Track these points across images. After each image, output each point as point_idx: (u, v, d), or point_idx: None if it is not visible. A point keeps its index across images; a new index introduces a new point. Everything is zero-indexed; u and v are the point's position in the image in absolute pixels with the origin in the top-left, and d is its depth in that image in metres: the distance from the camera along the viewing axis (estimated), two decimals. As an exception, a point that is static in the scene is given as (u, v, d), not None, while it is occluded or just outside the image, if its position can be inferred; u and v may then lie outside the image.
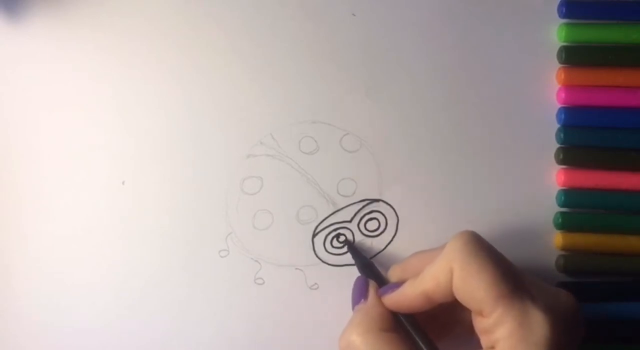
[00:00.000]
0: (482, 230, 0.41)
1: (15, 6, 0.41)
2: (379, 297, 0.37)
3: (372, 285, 0.38)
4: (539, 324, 0.32)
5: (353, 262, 0.41)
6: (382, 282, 0.38)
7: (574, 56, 0.41)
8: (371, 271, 0.39)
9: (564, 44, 0.41)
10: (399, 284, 0.36)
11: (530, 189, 0.41)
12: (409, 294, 0.35)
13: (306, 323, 0.41)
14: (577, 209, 0.41)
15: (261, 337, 0.41)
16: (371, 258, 0.41)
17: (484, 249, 0.34)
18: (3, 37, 0.41)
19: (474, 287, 0.33)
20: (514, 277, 0.33)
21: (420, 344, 0.35)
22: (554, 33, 0.42)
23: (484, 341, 0.34)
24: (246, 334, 0.41)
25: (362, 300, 0.37)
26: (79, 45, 0.41)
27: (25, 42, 0.41)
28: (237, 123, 0.41)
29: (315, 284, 0.41)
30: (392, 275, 0.39)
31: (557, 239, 0.41)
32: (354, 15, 0.42)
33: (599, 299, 0.41)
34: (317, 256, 0.41)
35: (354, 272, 0.40)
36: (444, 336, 0.38)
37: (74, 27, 0.41)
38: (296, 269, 0.41)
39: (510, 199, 0.41)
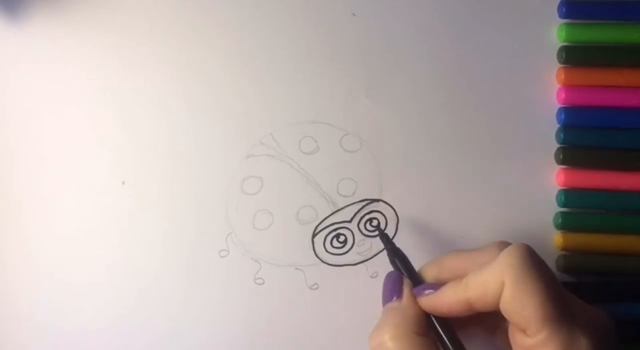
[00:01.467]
0: (482, 230, 0.41)
1: (15, 6, 0.41)
2: (414, 296, 0.36)
3: (407, 283, 0.36)
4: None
5: (353, 262, 0.41)
6: (415, 280, 0.36)
7: (574, 56, 0.41)
8: (405, 266, 0.37)
9: (564, 44, 0.41)
10: (436, 284, 0.35)
11: (530, 189, 0.41)
12: (450, 298, 0.34)
13: (306, 323, 0.41)
14: (577, 209, 0.41)
15: (261, 337, 0.41)
16: (371, 258, 0.41)
17: (539, 267, 0.33)
18: (3, 37, 0.41)
19: (524, 305, 0.32)
20: (564, 301, 0.32)
21: (452, 349, 0.34)
22: (554, 33, 0.42)
23: None
24: (246, 334, 0.41)
25: (395, 298, 0.36)
26: (79, 45, 0.41)
27: (25, 42, 0.41)
28: (237, 123, 0.41)
29: (315, 284, 0.41)
30: (427, 273, 0.37)
31: (557, 239, 0.41)
32: (354, 15, 0.42)
33: (599, 299, 0.41)
34: (317, 256, 0.41)
35: (354, 272, 0.40)
36: (461, 328, 0.37)
37: (74, 27, 0.41)
38: (296, 269, 0.41)
39: (510, 199, 0.41)
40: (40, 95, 0.41)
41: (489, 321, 0.36)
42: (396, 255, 0.38)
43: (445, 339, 0.34)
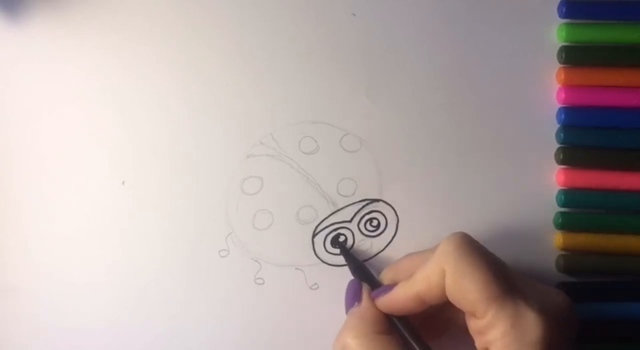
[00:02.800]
0: (482, 230, 0.41)
1: (15, 6, 0.41)
2: (373, 299, 0.37)
3: (365, 288, 0.38)
4: (532, 324, 0.32)
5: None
6: (375, 285, 0.38)
7: (574, 56, 0.41)
8: (364, 274, 0.39)
9: (564, 44, 0.41)
10: (391, 286, 0.36)
11: (530, 189, 0.41)
12: (402, 296, 0.35)
13: (306, 323, 0.41)
14: (577, 209, 0.41)
15: (261, 337, 0.41)
16: (371, 258, 0.41)
17: (476, 251, 0.34)
18: (3, 37, 0.41)
19: (466, 289, 0.33)
20: (506, 278, 0.33)
21: (414, 345, 0.35)
22: (554, 33, 0.42)
23: (478, 342, 0.34)
24: (246, 334, 0.41)
25: (356, 303, 0.37)
26: (79, 45, 0.41)
27: (25, 42, 0.41)
28: (237, 123, 0.41)
29: (315, 284, 0.41)
30: (385, 277, 0.39)
31: (557, 239, 0.41)
32: (354, 15, 0.42)
33: (599, 299, 0.41)
34: (317, 256, 0.41)
35: (354, 272, 0.40)
36: (438, 336, 0.38)
37: (74, 27, 0.41)
38: (296, 269, 0.41)
39: (510, 199, 0.41)
40: (40, 95, 0.41)
41: (460, 317, 0.37)
42: (356, 265, 0.40)
43: (406, 334, 0.36)
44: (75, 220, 0.41)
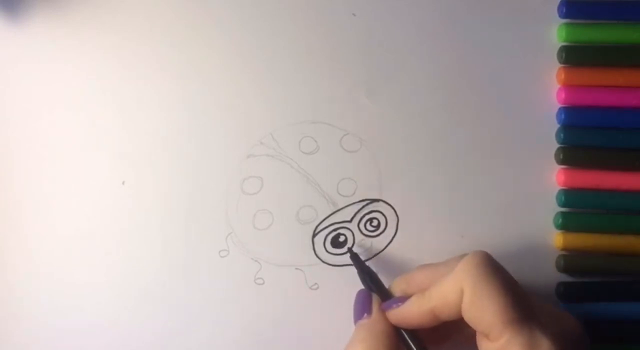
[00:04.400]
0: (482, 230, 0.41)
1: (15, 6, 0.41)
2: (383, 311, 0.36)
3: (376, 299, 0.37)
4: None
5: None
6: (385, 296, 0.37)
7: (574, 56, 0.41)
8: (374, 283, 0.38)
9: (564, 44, 0.41)
10: (403, 298, 0.36)
11: (530, 189, 0.41)
12: (415, 310, 0.35)
13: (306, 323, 0.41)
14: (577, 209, 0.41)
15: (261, 337, 0.41)
16: (371, 258, 0.41)
17: (497, 272, 0.33)
18: (3, 37, 0.41)
19: (483, 311, 0.32)
20: (524, 303, 0.33)
21: None
22: (554, 33, 0.42)
23: None
24: (246, 334, 0.41)
25: (366, 314, 0.37)
26: (79, 45, 0.41)
27: (25, 42, 0.41)
28: (237, 123, 0.41)
29: (315, 284, 0.41)
30: (396, 288, 0.37)
31: (557, 239, 0.41)
32: (354, 15, 0.42)
33: (599, 299, 0.41)
34: (317, 256, 0.41)
35: (354, 272, 0.40)
36: (441, 343, 0.38)
37: (74, 27, 0.41)
38: (296, 269, 0.41)
39: (510, 199, 0.41)
40: (41, 95, 0.41)
41: (465, 330, 0.37)
42: (366, 274, 0.39)
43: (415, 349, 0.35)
44: (75, 220, 0.41)
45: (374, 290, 0.38)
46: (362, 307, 0.37)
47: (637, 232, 0.41)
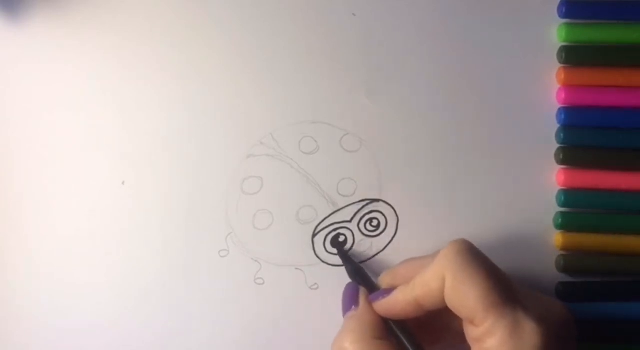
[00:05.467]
0: (482, 230, 0.41)
1: (15, 6, 0.41)
2: (370, 303, 0.37)
3: (363, 291, 0.38)
4: (530, 334, 0.32)
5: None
6: (372, 289, 0.38)
7: (574, 56, 0.41)
8: (361, 277, 0.39)
9: (564, 44, 0.41)
10: (389, 290, 0.36)
11: (530, 189, 0.41)
12: (400, 300, 0.35)
13: (306, 323, 0.41)
14: (577, 209, 0.41)
15: (261, 337, 0.41)
16: (371, 258, 0.41)
17: (477, 258, 0.34)
18: (3, 37, 0.41)
19: (465, 296, 0.33)
20: (506, 287, 0.33)
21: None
22: (554, 33, 0.42)
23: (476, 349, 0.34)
24: (246, 334, 0.41)
25: (353, 307, 0.37)
26: (79, 45, 0.41)
27: (25, 42, 0.41)
28: (237, 123, 0.41)
29: (315, 284, 0.41)
30: (383, 281, 0.38)
31: (557, 239, 0.41)
32: (354, 15, 0.42)
33: (599, 299, 0.41)
34: (317, 256, 0.41)
35: (354, 272, 0.40)
36: (434, 344, 0.38)
37: (74, 27, 0.41)
38: (296, 269, 0.41)
39: (510, 199, 0.41)
40: (41, 95, 0.41)
41: (456, 327, 0.37)
42: (353, 268, 0.40)
43: (403, 339, 0.36)
44: (75, 220, 0.41)
45: (362, 283, 0.38)
46: (350, 300, 0.38)
47: (637, 232, 0.41)
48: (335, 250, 0.41)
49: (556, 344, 0.32)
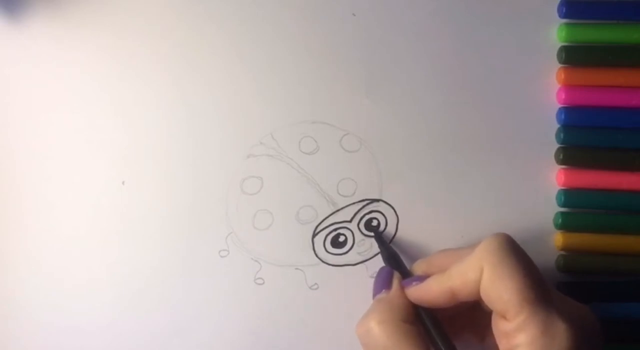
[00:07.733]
0: (482, 230, 0.41)
1: (15, 6, 0.41)
2: (403, 288, 0.37)
3: (397, 276, 0.37)
4: (561, 334, 0.32)
5: (353, 262, 0.41)
6: (406, 275, 0.38)
7: (574, 56, 0.41)
8: (396, 262, 0.39)
9: (564, 44, 0.41)
10: (423, 277, 0.36)
11: (530, 189, 0.41)
12: (435, 288, 0.35)
13: (306, 323, 0.41)
14: (577, 209, 0.41)
15: (261, 337, 0.41)
16: (371, 258, 0.41)
17: (517, 254, 0.34)
18: (3, 37, 0.41)
19: (502, 289, 0.33)
20: (542, 286, 0.33)
21: (437, 339, 0.35)
22: (554, 33, 0.42)
23: (503, 345, 0.33)
24: (246, 334, 0.41)
25: (385, 289, 0.37)
26: (79, 45, 0.41)
27: (25, 42, 0.41)
28: (237, 123, 0.41)
29: (315, 284, 0.41)
30: (417, 269, 0.38)
31: (557, 239, 0.41)
32: (354, 15, 0.42)
33: (599, 299, 0.41)
34: (317, 256, 0.41)
35: (354, 272, 0.40)
36: (455, 339, 0.38)
37: (74, 27, 0.41)
38: (296, 269, 0.41)
39: (510, 199, 0.41)
40: (40, 95, 0.41)
41: (479, 324, 0.37)
42: (389, 253, 0.39)
43: (431, 328, 0.35)
44: (75, 220, 0.41)
45: (396, 268, 0.38)
46: (383, 282, 0.37)
47: (637, 232, 0.41)
48: (335, 250, 0.41)
49: (585, 346, 0.32)
